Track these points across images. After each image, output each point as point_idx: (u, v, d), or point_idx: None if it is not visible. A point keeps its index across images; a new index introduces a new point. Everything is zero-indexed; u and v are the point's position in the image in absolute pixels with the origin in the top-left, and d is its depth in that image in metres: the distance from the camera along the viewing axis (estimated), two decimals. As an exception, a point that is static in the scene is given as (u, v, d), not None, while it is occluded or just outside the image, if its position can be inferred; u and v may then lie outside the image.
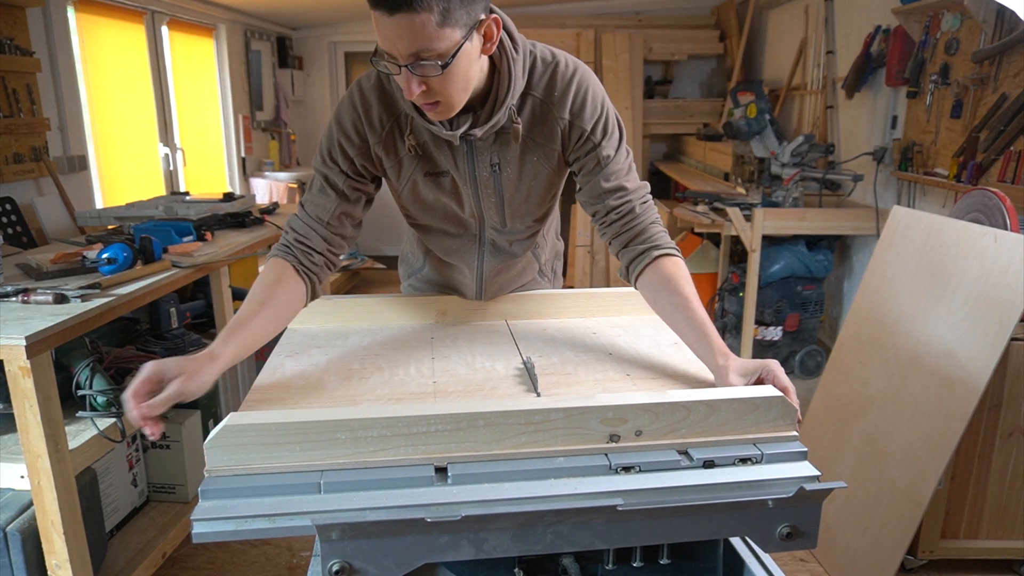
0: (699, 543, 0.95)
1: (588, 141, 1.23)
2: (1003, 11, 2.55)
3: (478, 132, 1.17)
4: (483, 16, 1.04)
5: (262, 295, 1.15)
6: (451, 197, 1.29)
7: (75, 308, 1.65)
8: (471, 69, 1.07)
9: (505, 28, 1.13)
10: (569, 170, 1.32)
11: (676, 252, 1.24)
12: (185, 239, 2.35)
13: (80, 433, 1.71)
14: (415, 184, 1.27)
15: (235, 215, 2.75)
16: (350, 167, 1.23)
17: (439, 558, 0.78)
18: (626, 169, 1.28)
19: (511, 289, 1.52)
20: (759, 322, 3.46)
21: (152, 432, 0.94)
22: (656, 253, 1.22)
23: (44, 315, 1.59)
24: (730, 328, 3.58)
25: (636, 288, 1.28)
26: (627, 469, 0.87)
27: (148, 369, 0.96)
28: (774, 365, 1.04)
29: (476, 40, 1.05)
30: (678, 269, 1.21)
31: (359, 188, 1.25)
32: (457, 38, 1.00)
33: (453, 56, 1.01)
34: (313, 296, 1.25)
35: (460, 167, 1.23)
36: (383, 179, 1.30)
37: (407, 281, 1.61)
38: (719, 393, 0.92)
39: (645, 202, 1.27)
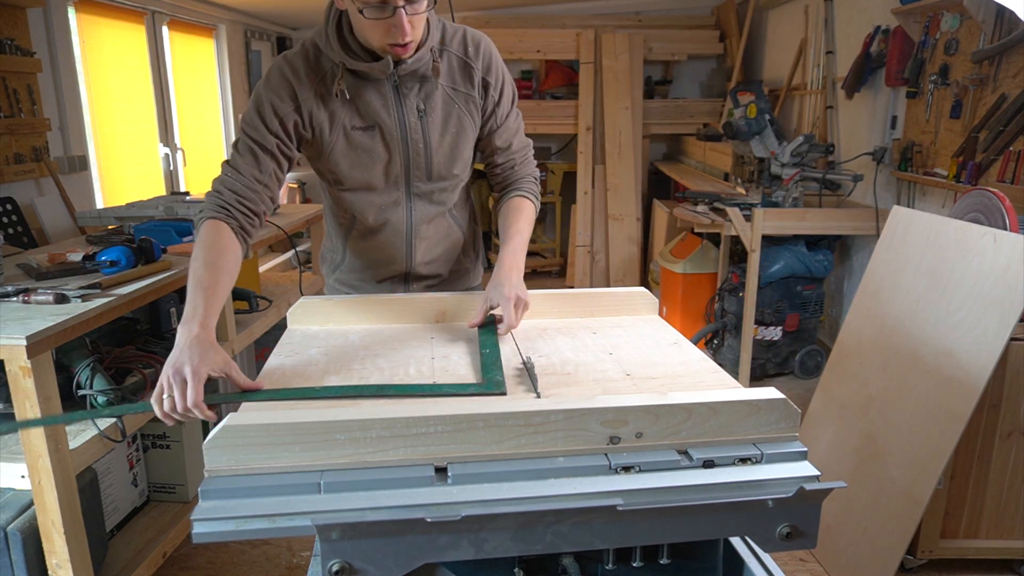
0: (699, 543, 0.95)
1: (490, 98, 1.44)
2: (1002, 11, 2.55)
3: (407, 61, 1.31)
4: None
5: (215, 259, 1.21)
6: (382, 146, 1.40)
7: (75, 308, 1.65)
8: None
9: None
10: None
11: (528, 195, 1.52)
12: (185, 239, 2.35)
13: (80, 433, 1.71)
14: (346, 133, 1.37)
15: (235, 215, 2.74)
16: (280, 127, 1.33)
17: (439, 558, 0.78)
18: (515, 129, 1.52)
19: (437, 252, 1.59)
20: (759, 322, 3.46)
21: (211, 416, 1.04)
22: (513, 194, 1.52)
23: (44, 315, 1.59)
24: (730, 328, 3.58)
25: (493, 213, 1.55)
26: (627, 469, 0.87)
27: (198, 378, 1.02)
28: (508, 302, 1.27)
29: None
30: (520, 204, 1.49)
31: (286, 150, 1.35)
32: None
33: None
34: (245, 256, 1.32)
35: (390, 113, 1.36)
36: (302, 151, 1.41)
37: (331, 278, 1.67)
38: (720, 395, 0.92)
39: (524, 158, 1.55)
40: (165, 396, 1.01)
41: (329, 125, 1.36)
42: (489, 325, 1.33)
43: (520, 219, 1.47)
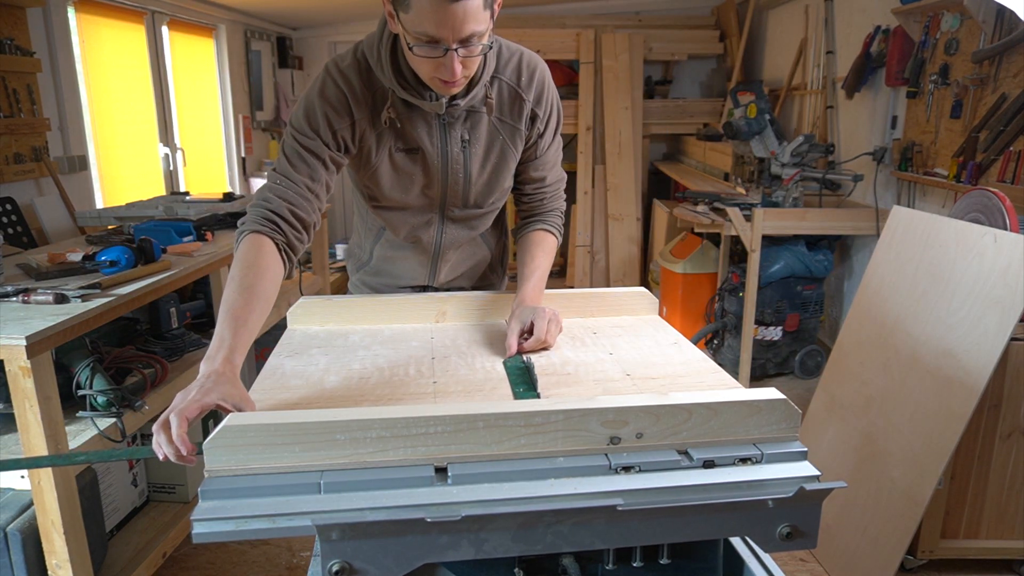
0: (699, 543, 0.95)
1: (535, 130, 1.40)
2: (1003, 11, 2.55)
3: (461, 102, 1.27)
4: None
5: (252, 281, 1.12)
6: (422, 172, 1.37)
7: (75, 308, 1.65)
8: None
9: None
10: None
11: (552, 229, 1.50)
12: (185, 239, 2.35)
13: (80, 433, 1.71)
14: (391, 156, 1.34)
15: (235, 215, 2.75)
16: (333, 139, 1.28)
17: (439, 558, 0.78)
18: (552, 163, 1.49)
19: (462, 271, 1.59)
20: (759, 322, 3.46)
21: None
22: (537, 225, 1.50)
23: (44, 315, 1.59)
24: (730, 328, 3.58)
25: (514, 238, 1.57)
26: (627, 469, 0.87)
27: (187, 413, 0.90)
28: (544, 316, 1.25)
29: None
30: (544, 239, 1.48)
31: (337, 161, 1.31)
32: (488, 18, 1.12)
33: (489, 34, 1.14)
34: (287, 276, 1.24)
35: (434, 142, 1.33)
36: (345, 163, 1.36)
37: (356, 276, 1.66)
38: (720, 396, 0.92)
39: (555, 193, 1.52)
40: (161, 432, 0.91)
41: (376, 146, 1.33)
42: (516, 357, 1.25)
43: (540, 255, 1.45)
